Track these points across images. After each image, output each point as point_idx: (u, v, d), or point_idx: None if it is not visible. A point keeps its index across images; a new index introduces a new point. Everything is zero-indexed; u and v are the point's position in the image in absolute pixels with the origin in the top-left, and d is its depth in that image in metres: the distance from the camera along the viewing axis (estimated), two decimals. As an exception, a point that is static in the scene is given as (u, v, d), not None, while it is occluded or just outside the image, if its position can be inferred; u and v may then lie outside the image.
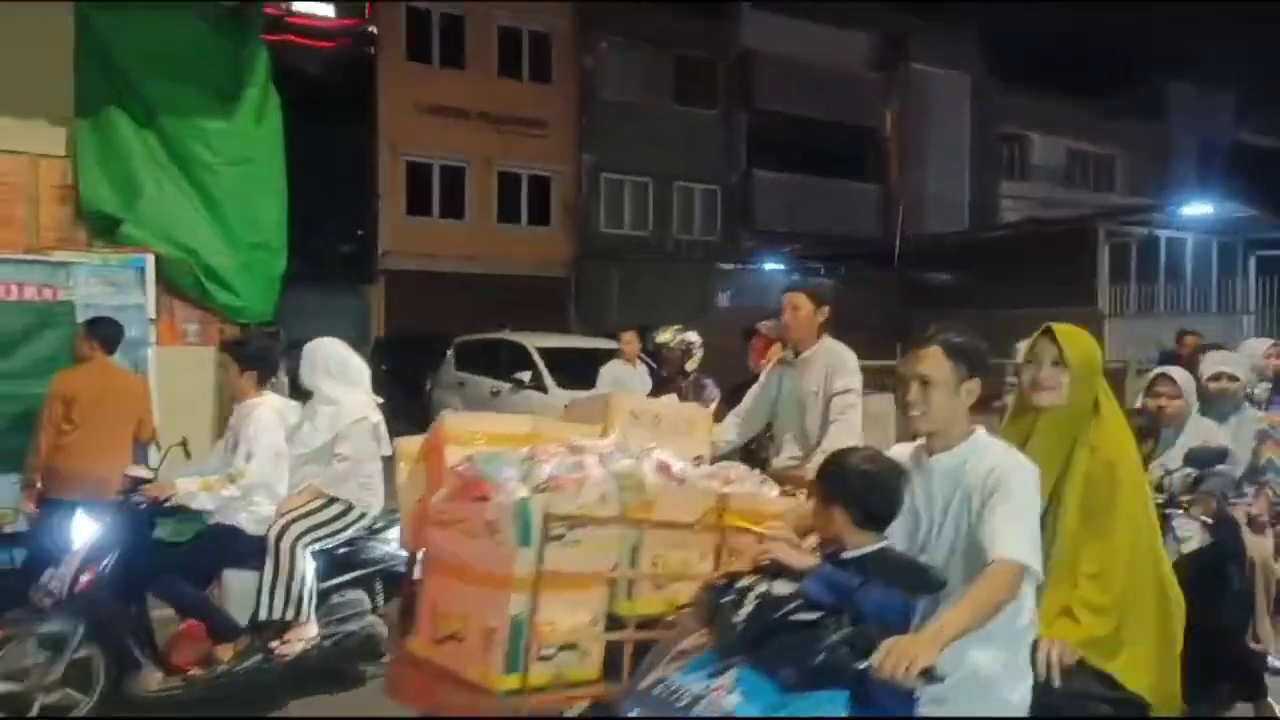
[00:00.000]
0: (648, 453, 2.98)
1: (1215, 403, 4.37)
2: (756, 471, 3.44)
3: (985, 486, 2.13)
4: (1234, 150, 28.76)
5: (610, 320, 16.94)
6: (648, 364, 8.53)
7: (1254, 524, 4.20)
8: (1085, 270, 16.59)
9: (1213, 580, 3.42)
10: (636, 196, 21.29)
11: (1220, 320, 17.30)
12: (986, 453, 2.22)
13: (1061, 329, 2.55)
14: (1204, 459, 3.47)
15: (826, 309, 4.03)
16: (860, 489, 2.18)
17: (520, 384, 10.72)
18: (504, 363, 11.30)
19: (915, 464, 2.28)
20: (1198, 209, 16.98)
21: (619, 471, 2.78)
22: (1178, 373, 3.96)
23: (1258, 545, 4.15)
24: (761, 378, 4.32)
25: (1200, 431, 3.79)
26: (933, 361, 2.24)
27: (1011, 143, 25.98)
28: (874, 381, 11.76)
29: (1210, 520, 3.47)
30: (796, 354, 4.15)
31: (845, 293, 19.25)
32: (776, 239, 20.65)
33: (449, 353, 12.65)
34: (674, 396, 5.39)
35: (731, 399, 4.67)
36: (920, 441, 2.32)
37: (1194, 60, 28.47)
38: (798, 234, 20.68)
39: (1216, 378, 4.44)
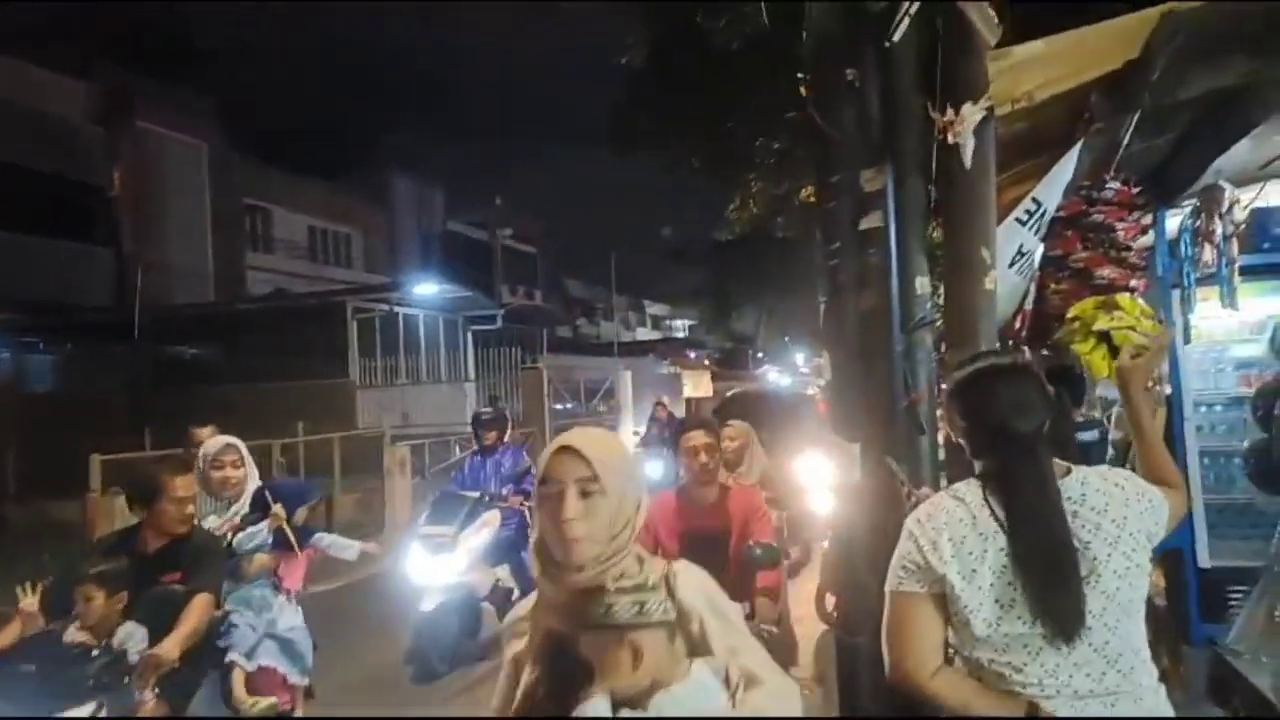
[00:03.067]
0: None
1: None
2: None
3: None
4: (446, 237, 33.41)
5: None
6: None
7: None
8: (337, 343, 17.32)
9: None
10: None
11: (449, 387, 19.78)
12: None
13: None
14: None
15: None
16: None
17: None
18: None
19: None
20: (426, 288, 19.17)
21: None
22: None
23: None
24: None
25: None
26: None
27: (254, 214, 25.95)
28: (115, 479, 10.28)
29: None
30: None
31: (76, 370, 16.78)
32: (-22, 307, 16.94)
33: None
34: None
35: None
36: None
37: (411, 155, 32.34)
38: (10, 300, 17.28)
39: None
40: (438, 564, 6.09)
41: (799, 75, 3.57)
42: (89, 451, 9.50)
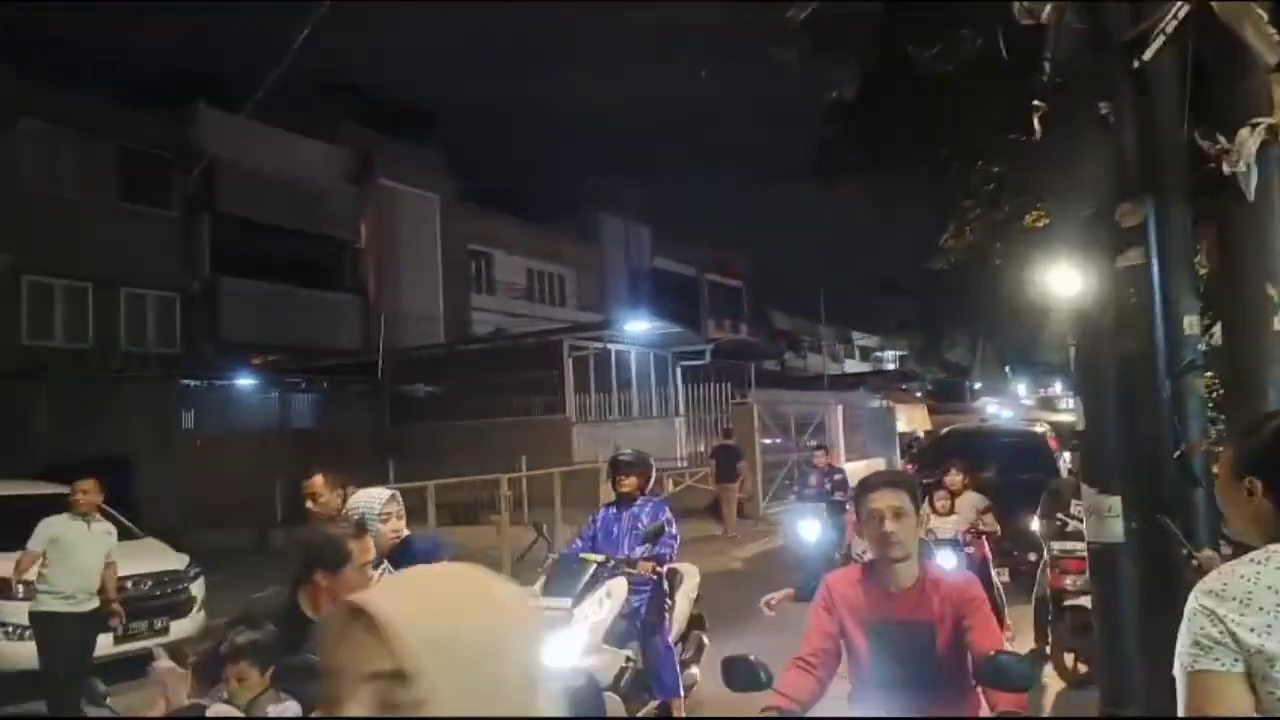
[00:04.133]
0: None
1: None
2: None
3: None
4: (654, 274, 34.22)
5: (38, 454, 14.04)
6: (113, 518, 7.13)
7: None
8: (553, 381, 18.12)
9: None
10: (72, 303, 18.18)
11: (659, 423, 20.13)
12: None
13: None
14: None
15: None
16: None
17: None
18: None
19: None
20: (637, 325, 19.68)
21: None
22: None
23: None
24: None
25: None
26: None
27: (478, 259, 27.75)
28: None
29: None
30: None
31: (330, 408, 18.22)
32: (248, 351, 19.14)
33: None
34: None
35: None
36: None
37: (620, 196, 33.42)
38: (273, 346, 19.42)
39: None
40: (551, 644, 4.79)
41: (1033, 104, 3.41)
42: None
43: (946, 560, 6.07)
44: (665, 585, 5.61)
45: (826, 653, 2.79)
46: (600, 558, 5.33)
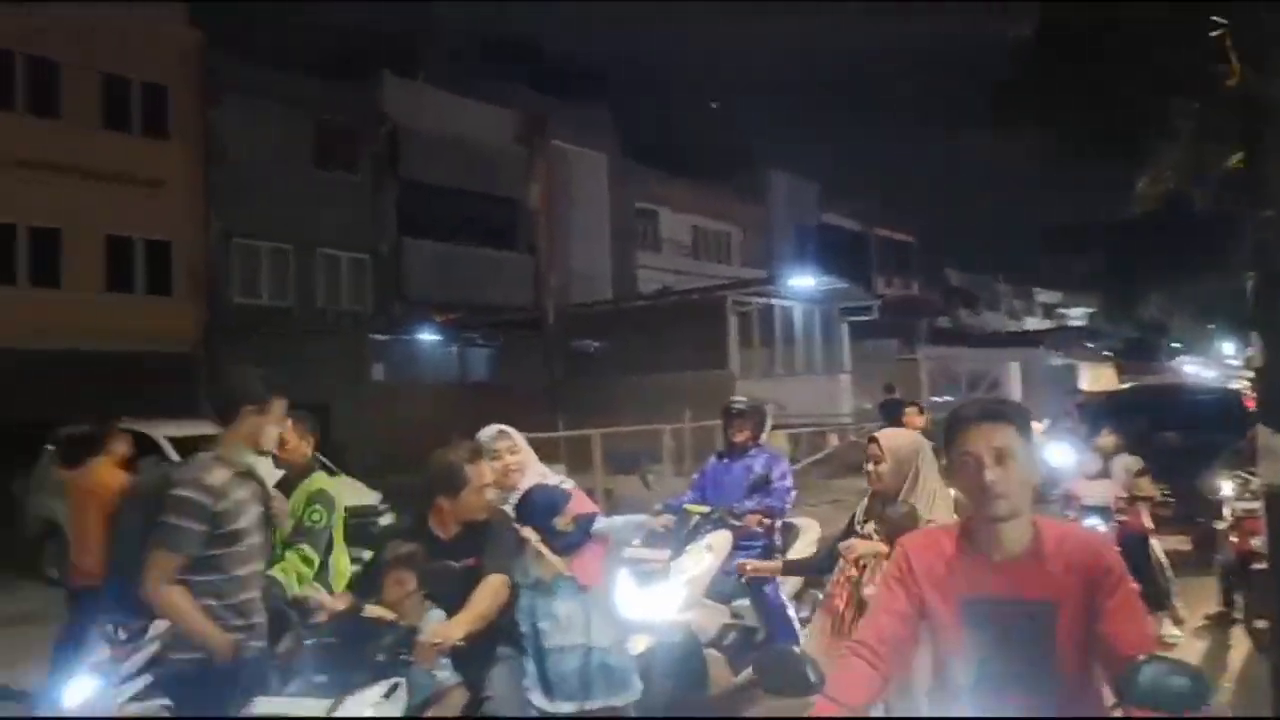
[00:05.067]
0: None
1: None
2: None
3: None
4: (822, 230, 33.56)
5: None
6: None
7: None
8: (717, 337, 18.25)
9: None
10: (276, 264, 19.86)
11: (824, 379, 19.92)
12: None
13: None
14: None
15: None
16: None
17: (151, 482, 9.29)
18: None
19: None
20: (802, 281, 19.46)
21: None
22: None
23: None
24: None
25: None
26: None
27: (645, 217, 28.11)
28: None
29: None
30: None
31: (503, 362, 19.11)
32: (430, 308, 20.33)
33: (48, 447, 10.69)
34: None
35: None
36: None
37: (785, 153, 32.91)
38: (451, 303, 20.53)
39: None
40: (649, 597, 4.83)
41: (1217, 22, 3.21)
42: (514, 432, 11.01)
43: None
44: (778, 540, 5.30)
45: (899, 640, 2.11)
46: (705, 509, 5.14)
